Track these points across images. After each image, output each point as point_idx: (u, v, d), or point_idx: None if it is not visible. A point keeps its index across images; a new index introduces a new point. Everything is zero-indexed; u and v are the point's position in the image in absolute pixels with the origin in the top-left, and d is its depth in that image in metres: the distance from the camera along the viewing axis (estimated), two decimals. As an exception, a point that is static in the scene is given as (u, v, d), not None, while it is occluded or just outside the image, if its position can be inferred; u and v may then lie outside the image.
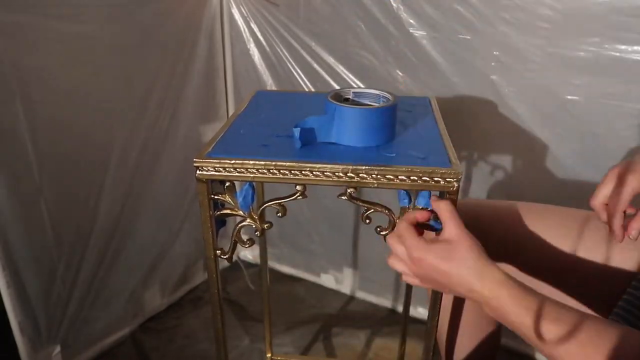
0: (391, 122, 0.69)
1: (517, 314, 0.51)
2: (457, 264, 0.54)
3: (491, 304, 0.52)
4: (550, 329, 0.49)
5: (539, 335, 0.49)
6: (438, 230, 0.60)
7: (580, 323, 0.48)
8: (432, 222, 0.61)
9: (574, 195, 0.87)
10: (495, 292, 0.52)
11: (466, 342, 0.84)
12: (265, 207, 0.68)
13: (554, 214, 0.77)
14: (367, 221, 0.68)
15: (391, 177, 0.61)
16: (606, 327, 0.48)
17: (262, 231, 0.69)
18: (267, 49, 1.36)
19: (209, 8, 1.33)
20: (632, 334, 0.47)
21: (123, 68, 1.14)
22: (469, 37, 1.10)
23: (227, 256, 0.71)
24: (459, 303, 0.82)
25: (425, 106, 0.86)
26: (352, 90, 0.74)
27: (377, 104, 0.72)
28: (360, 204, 0.66)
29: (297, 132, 0.65)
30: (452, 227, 0.56)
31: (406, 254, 0.58)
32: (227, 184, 0.66)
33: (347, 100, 0.74)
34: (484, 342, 0.85)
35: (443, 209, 0.58)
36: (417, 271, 0.58)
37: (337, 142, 0.67)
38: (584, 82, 1.02)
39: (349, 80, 1.27)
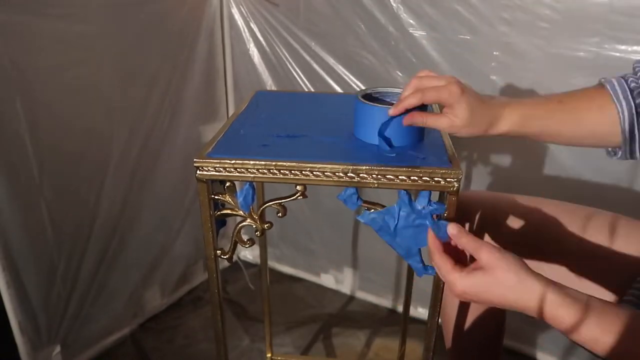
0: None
1: (562, 320, 0.52)
2: (497, 288, 0.55)
3: (541, 316, 0.54)
4: (591, 328, 0.50)
5: (579, 334, 0.51)
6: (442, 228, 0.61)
7: (625, 320, 0.50)
8: (433, 225, 0.61)
9: (574, 195, 0.87)
10: (536, 304, 0.53)
11: (470, 327, 0.86)
12: (266, 207, 0.68)
13: (564, 208, 0.79)
14: (367, 221, 0.68)
15: (391, 177, 0.61)
16: None
17: (262, 231, 0.69)
18: (267, 49, 1.36)
19: (209, 8, 1.33)
20: None
21: (123, 68, 1.14)
22: (469, 37, 1.10)
23: (227, 256, 0.71)
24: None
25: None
26: (377, 90, 0.74)
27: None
28: (361, 204, 0.66)
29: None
30: (484, 254, 0.56)
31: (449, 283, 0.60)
32: (228, 184, 0.66)
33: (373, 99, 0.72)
34: (489, 326, 0.86)
35: (468, 242, 0.58)
36: (465, 297, 0.59)
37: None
38: (584, 82, 1.01)
39: (348, 80, 1.27)
